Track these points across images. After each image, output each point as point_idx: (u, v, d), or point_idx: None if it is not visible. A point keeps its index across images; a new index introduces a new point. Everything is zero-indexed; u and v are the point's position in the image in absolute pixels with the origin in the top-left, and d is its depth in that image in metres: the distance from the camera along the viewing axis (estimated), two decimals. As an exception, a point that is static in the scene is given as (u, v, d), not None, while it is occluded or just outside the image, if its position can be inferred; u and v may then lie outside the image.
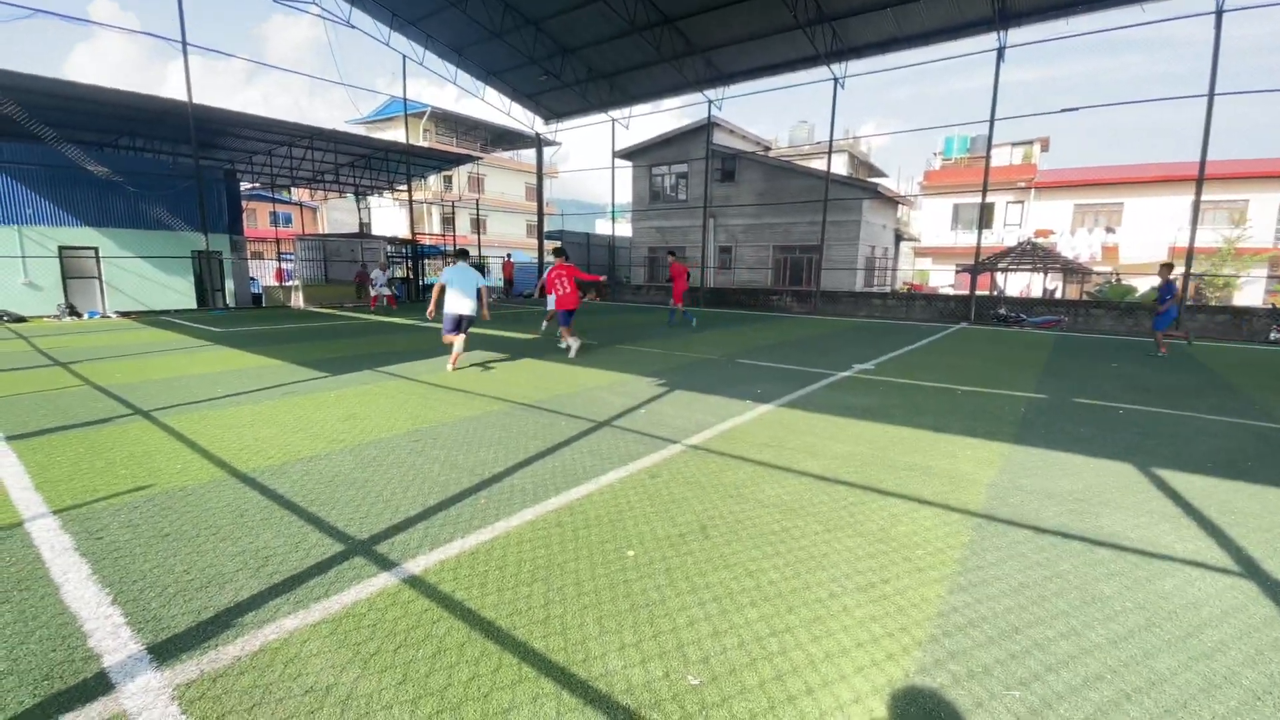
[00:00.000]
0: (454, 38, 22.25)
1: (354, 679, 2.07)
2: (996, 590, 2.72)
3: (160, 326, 13.89)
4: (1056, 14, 15.60)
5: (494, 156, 44.11)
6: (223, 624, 2.37)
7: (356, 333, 12.73)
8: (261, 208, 39.23)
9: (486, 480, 3.99)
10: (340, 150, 24.96)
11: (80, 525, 3.25)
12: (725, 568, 2.88)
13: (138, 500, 3.60)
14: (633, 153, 27.46)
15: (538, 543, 3.10)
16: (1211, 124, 13.82)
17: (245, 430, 5.13)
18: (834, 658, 2.23)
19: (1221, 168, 24.23)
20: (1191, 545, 3.21)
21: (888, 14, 17.11)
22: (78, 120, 18.39)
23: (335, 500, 3.62)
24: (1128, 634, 2.41)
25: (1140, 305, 16.21)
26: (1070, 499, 3.82)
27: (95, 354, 9.43)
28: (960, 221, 32.21)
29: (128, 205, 17.46)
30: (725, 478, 4.09)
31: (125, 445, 4.68)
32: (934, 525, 3.40)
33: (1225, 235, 24.94)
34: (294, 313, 18.09)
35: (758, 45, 19.86)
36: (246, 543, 3.06)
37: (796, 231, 23.42)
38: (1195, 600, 2.67)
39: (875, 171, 37.53)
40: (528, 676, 2.09)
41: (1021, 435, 5.26)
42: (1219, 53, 13.57)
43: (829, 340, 12.33)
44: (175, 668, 2.12)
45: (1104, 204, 29.21)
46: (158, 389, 6.76)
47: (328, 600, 2.54)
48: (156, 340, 11.32)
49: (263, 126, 20.72)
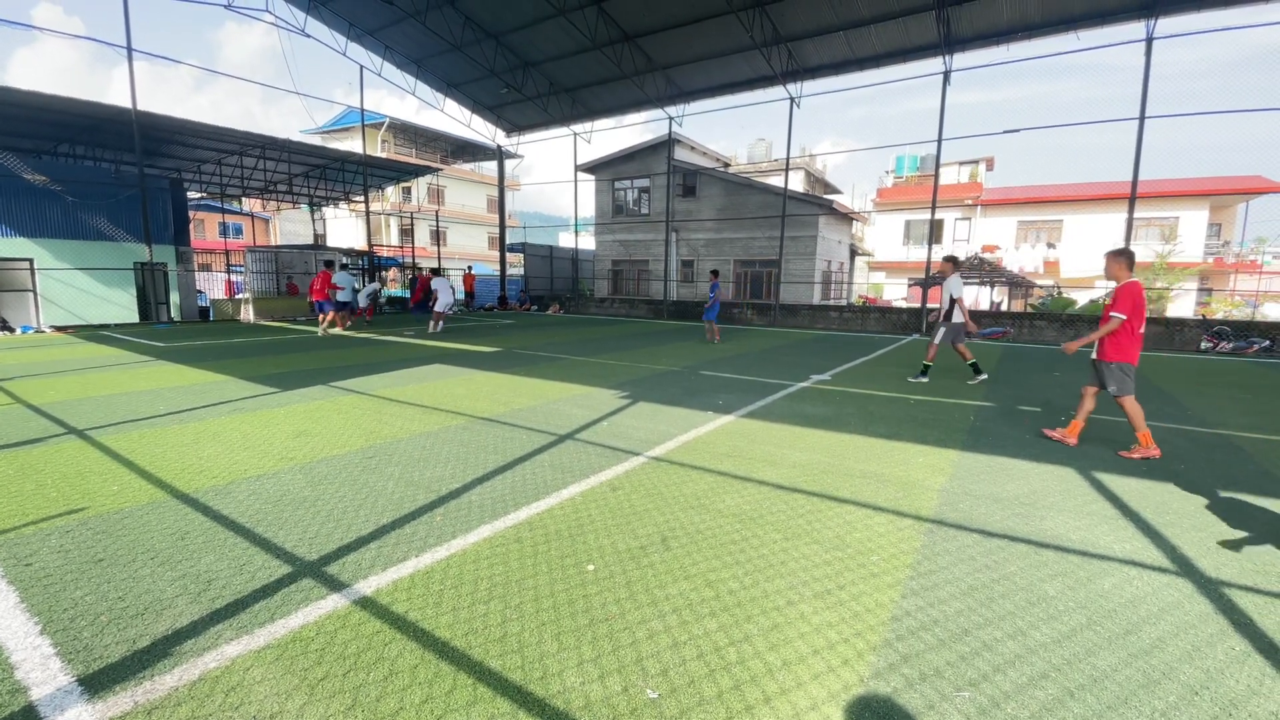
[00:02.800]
0: (413, 49, 22.06)
1: (300, 706, 1.99)
2: (947, 594, 2.80)
3: (99, 341, 13.22)
4: (997, 40, 16.41)
5: (455, 168, 43.71)
6: (160, 653, 2.26)
7: (309, 347, 12.37)
8: (210, 218, 37.91)
9: (443, 497, 3.91)
10: (294, 160, 24.36)
11: (7, 551, 3.06)
12: (685, 579, 2.88)
13: (70, 524, 3.41)
14: (595, 167, 27.59)
15: (495, 559, 3.05)
16: (1143, 145, 14.68)
17: (188, 449, 4.91)
18: (791, 665, 2.25)
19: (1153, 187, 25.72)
20: (1129, 545, 3.36)
21: (840, 36, 17.70)
22: (14, 127, 17.55)
23: (283, 520, 3.49)
24: (1070, 633, 2.51)
25: (1080, 316, 17.00)
26: (1016, 503, 3.96)
27: (28, 371, 8.92)
28: (911, 237, 33.31)
29: (66, 215, 16.63)
30: (686, 489, 4.11)
31: (58, 466, 4.42)
32: (887, 531, 3.47)
33: (1157, 250, 26.42)
34: (244, 327, 17.45)
35: (716, 64, 20.28)
36: (187, 567, 2.93)
37: (756, 246, 23.84)
38: (1133, 598, 2.79)
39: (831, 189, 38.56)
40: (483, 697, 2.05)
41: (971, 442, 5.43)
42: (1149, 78, 14.46)
43: (788, 352, 12.55)
44: (108, 700, 2.00)
45: (1045, 220, 30.66)
46: (94, 407, 6.43)
47: (273, 625, 2.45)
48: (94, 356, 10.77)
49: (212, 135, 20.09)
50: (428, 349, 12.06)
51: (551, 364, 10.04)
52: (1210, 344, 14.14)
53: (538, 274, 29.08)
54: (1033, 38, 16.08)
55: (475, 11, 19.37)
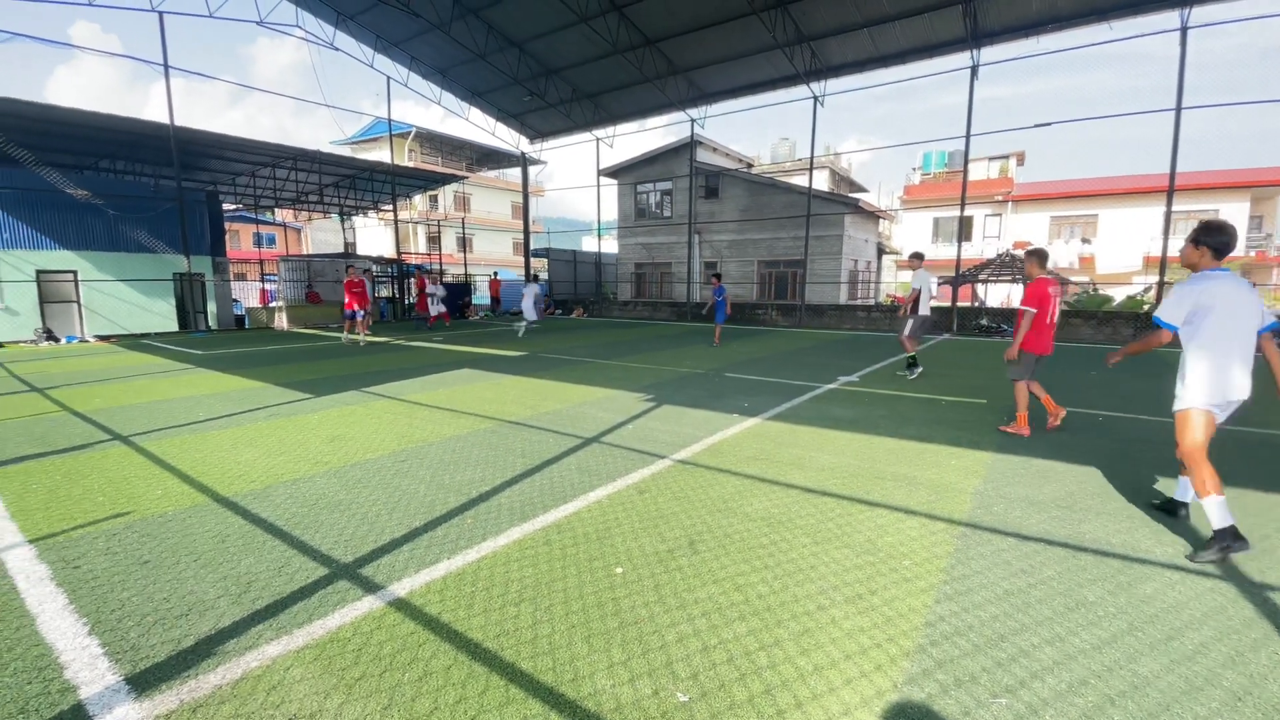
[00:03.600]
0: (438, 59, 22.42)
1: (338, 705, 2.04)
2: (982, 598, 2.74)
3: (141, 350, 13.69)
4: (1026, 33, 16.06)
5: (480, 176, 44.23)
6: (203, 652, 2.33)
7: (341, 353, 12.64)
8: (245, 229, 39.00)
9: (473, 499, 3.96)
10: (324, 171, 24.94)
11: (57, 554, 3.19)
12: (714, 582, 2.88)
13: (116, 527, 3.54)
14: (617, 171, 27.71)
15: (525, 562, 3.08)
16: (1180, 136, 14.23)
17: (227, 454, 5.06)
18: (823, 670, 2.23)
19: (1192, 179, 24.93)
20: (1171, 549, 3.26)
21: (864, 34, 17.50)
22: (57, 143, 18.24)
23: (319, 523, 3.58)
24: (1111, 639, 2.44)
25: (1117, 314, 16.51)
26: (1053, 506, 3.86)
27: (73, 379, 9.28)
28: (940, 234, 32.73)
29: (108, 228, 17.27)
30: (713, 492, 4.09)
31: (104, 472, 4.59)
32: (920, 535, 3.42)
33: (1197, 244, 25.53)
34: (278, 334, 17.92)
35: (738, 65, 20.21)
36: (228, 569, 3.02)
37: (780, 246, 23.67)
38: (1176, 603, 2.71)
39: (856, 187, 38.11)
40: (515, 698, 2.07)
41: (1005, 444, 5.32)
42: (1185, 68, 14.02)
43: (814, 353, 12.43)
44: (154, 698, 2.07)
45: (1079, 215, 29.89)
46: (137, 414, 6.66)
47: (311, 625, 2.51)
48: (137, 364, 11.15)
49: (246, 148, 20.68)
50: (456, 354, 12.23)
51: (576, 367, 10.10)
52: (1256, 340, 13.60)
53: (562, 278, 29.28)
54: (1063, 29, 15.70)
55: (498, 21, 19.61)
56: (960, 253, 18.20)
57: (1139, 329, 15.46)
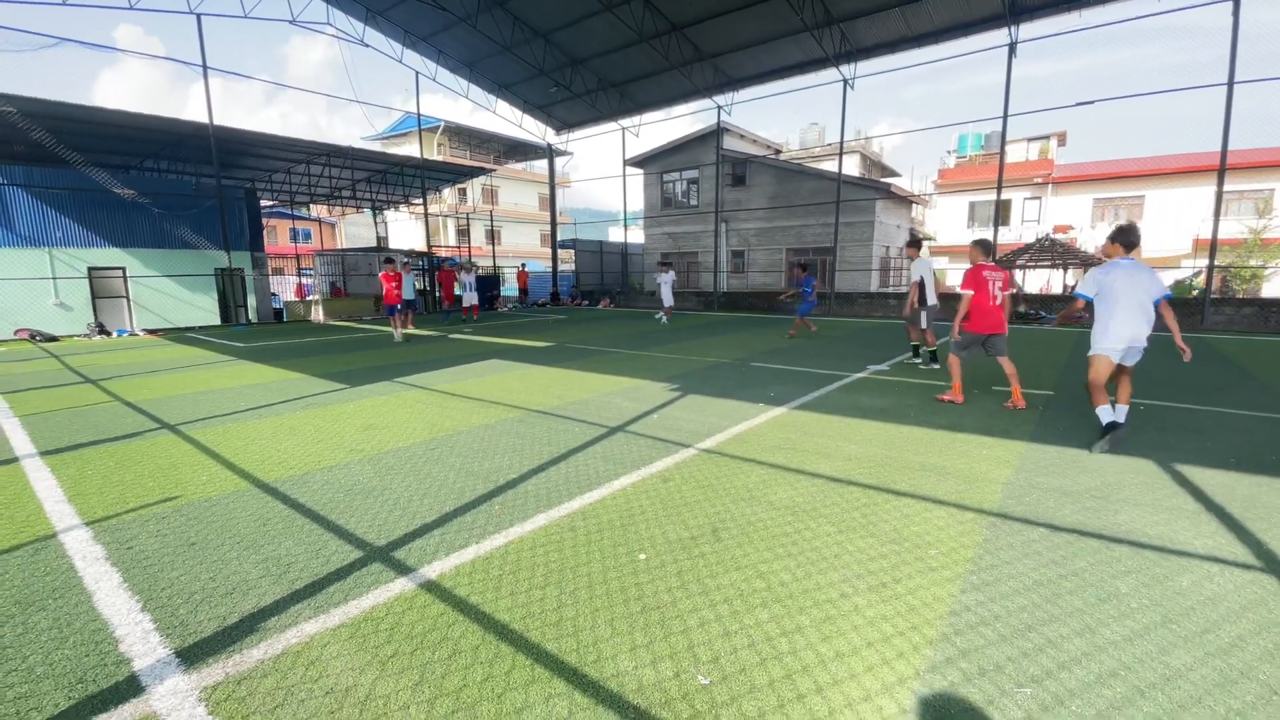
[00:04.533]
0: (465, 53, 22.59)
1: (372, 680, 2.13)
2: (1009, 588, 2.71)
3: (185, 343, 14.23)
4: (1067, 7, 15.43)
5: (507, 168, 44.59)
6: (247, 629, 2.45)
7: (374, 344, 12.95)
8: (281, 225, 40.02)
9: (501, 486, 4.05)
10: (357, 166, 25.43)
11: (111, 536, 3.37)
12: (736, 569, 2.90)
13: (165, 511, 3.72)
14: (643, 160, 27.60)
15: (551, 547, 3.15)
16: (1232, 113, 13.55)
17: (267, 442, 5.25)
18: (844, 657, 2.24)
19: (1245, 157, 23.71)
20: (1210, 541, 3.16)
21: (896, 14, 17.05)
22: (104, 144, 18.97)
23: (354, 509, 3.70)
24: (1143, 630, 2.39)
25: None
26: (1088, 496, 3.78)
27: (124, 371, 9.71)
28: (976, 219, 31.86)
29: (153, 225, 17.95)
30: (737, 480, 4.11)
31: (153, 458, 4.82)
32: (947, 525, 3.38)
33: (1251, 226, 24.38)
34: (314, 326, 18.40)
35: (765, 49, 19.90)
36: (269, 550, 3.15)
37: (809, 234, 23.35)
38: (1213, 596, 2.64)
39: (888, 171, 37.28)
40: (541, 677, 2.13)
41: (1039, 433, 5.20)
42: (1238, 40, 13.33)
43: (843, 342, 12.27)
44: (202, 670, 2.20)
45: (1124, 197, 28.74)
46: (184, 404, 6.94)
47: (347, 605, 2.61)
48: (182, 356, 11.61)
49: (281, 145, 21.21)
50: (484, 345, 12.41)
51: (602, 358, 10.17)
52: (1314, 326, 12.97)
53: (588, 269, 29.39)
54: (1107, 1, 15.06)
55: (523, 11, 19.66)
56: (997, 237, 17.69)
57: (1188, 314, 14.86)
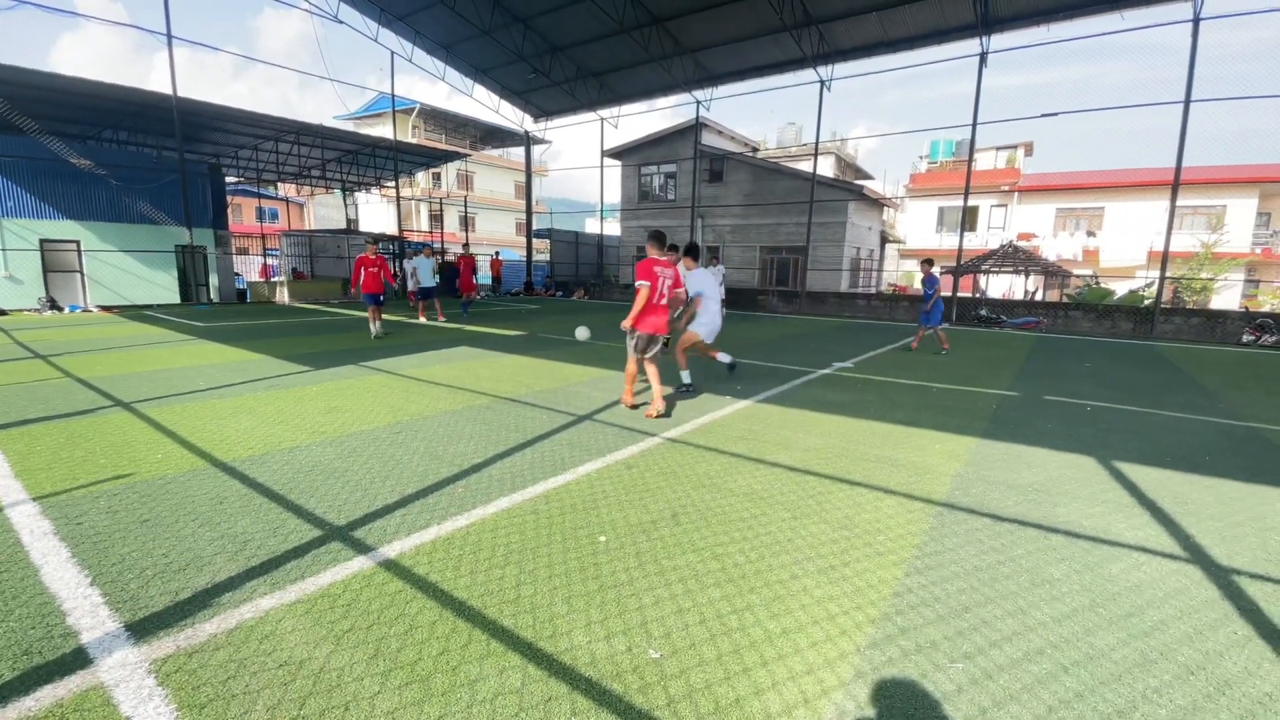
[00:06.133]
0: (443, 34, 22.21)
1: (327, 654, 2.14)
2: (950, 573, 2.84)
3: (142, 321, 13.78)
4: (1037, 20, 15.88)
5: (483, 154, 44.00)
6: (200, 604, 2.44)
7: (341, 328, 12.72)
8: (247, 203, 38.87)
9: (465, 470, 4.06)
10: (328, 146, 24.83)
11: (60, 511, 3.29)
12: (693, 551, 2.98)
13: (118, 488, 3.64)
14: (622, 152, 27.54)
15: (512, 529, 3.19)
16: (1188, 130, 14.12)
17: (226, 422, 5.16)
18: (790, 633, 2.34)
19: (1199, 174, 24.71)
20: (1141, 533, 3.35)
21: (873, 18, 17.32)
22: (61, 113, 18.18)
23: (315, 489, 3.68)
24: (1071, 613, 2.54)
25: (1119, 307, 16.53)
26: (1030, 490, 3.95)
27: (76, 347, 9.37)
28: (945, 224, 32.59)
29: (110, 198, 17.28)
30: (699, 468, 4.19)
31: (105, 436, 4.70)
32: (896, 513, 3.52)
33: (1203, 240, 25.42)
34: (279, 308, 17.98)
35: (745, 47, 20.01)
36: (225, 528, 3.12)
37: (783, 232, 23.61)
38: (1139, 583, 2.80)
39: (862, 174, 37.85)
40: (496, 651, 2.18)
41: (990, 430, 5.41)
42: (1195, 60, 13.88)
43: (812, 339, 12.49)
44: (152, 644, 2.18)
45: (1085, 208, 29.71)
46: (139, 382, 6.76)
47: (304, 582, 2.61)
48: (138, 334, 11.24)
49: (249, 121, 20.57)
50: (455, 332, 12.30)
51: (574, 348, 10.18)
52: (1252, 336, 13.65)
53: (563, 260, 29.24)
54: (1075, 17, 15.52)
55: (504, -5, 19.40)
56: (963, 243, 18.16)
57: (1138, 323, 15.50)
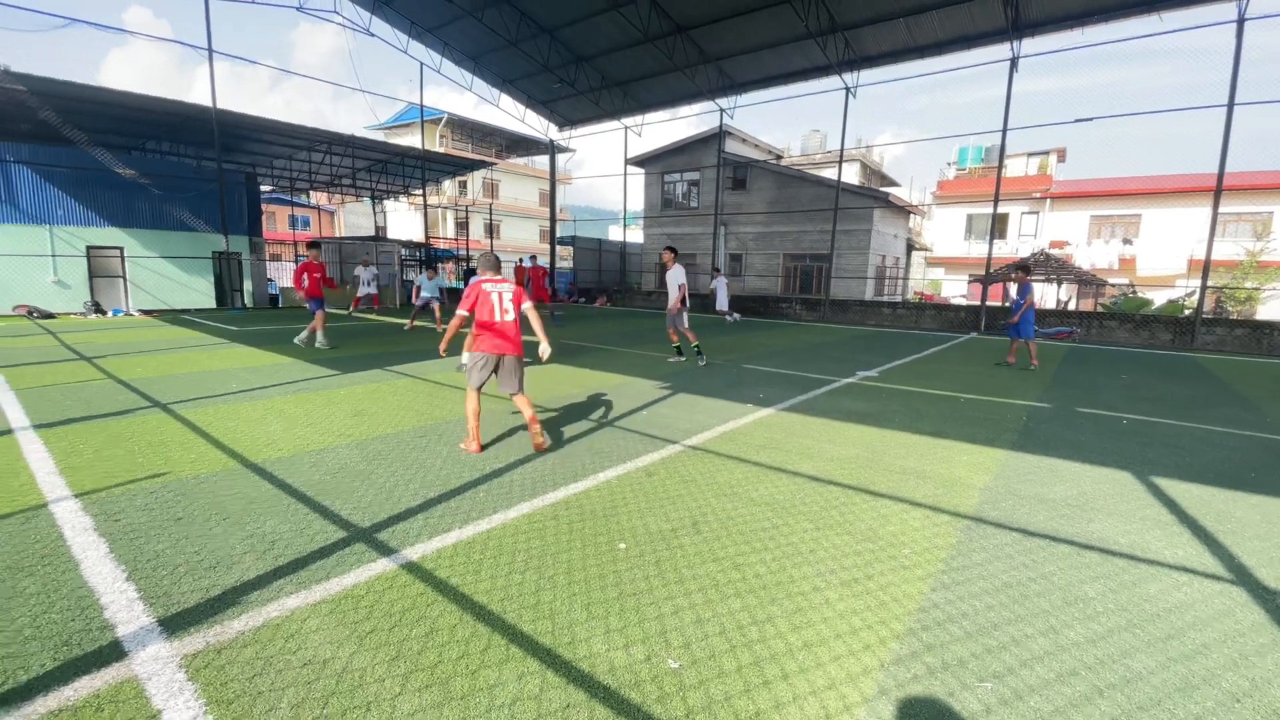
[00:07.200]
0: (470, 46, 22.59)
1: (350, 654, 2.17)
2: (979, 589, 2.77)
3: (180, 325, 14.21)
4: (1070, 24, 15.55)
5: (508, 162, 44.55)
6: (229, 601, 2.49)
7: (368, 333, 12.95)
8: (281, 211, 39.95)
9: (487, 475, 4.10)
10: (358, 155, 25.39)
11: (100, 508, 3.40)
12: (713, 561, 2.95)
13: (154, 486, 3.75)
14: (645, 160, 27.65)
15: (533, 534, 3.20)
16: (1231, 135, 13.68)
17: (257, 424, 5.28)
18: (812, 647, 2.30)
19: (1244, 179, 23.92)
20: (1181, 552, 3.23)
21: (900, 24, 17.14)
22: (108, 124, 18.90)
23: (340, 491, 3.74)
24: (1107, 633, 2.46)
25: (1155, 317, 16.03)
26: (1063, 505, 3.84)
27: (118, 350, 9.70)
28: (974, 231, 32.03)
29: (152, 207, 17.91)
30: (720, 477, 4.16)
31: (143, 435, 4.85)
32: (922, 526, 3.45)
33: (1248, 248, 24.57)
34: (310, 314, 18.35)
35: (770, 54, 19.96)
36: (254, 528, 3.19)
37: (807, 240, 23.43)
38: (1179, 604, 2.70)
39: (888, 181, 37.44)
40: (515, 656, 2.18)
41: (1021, 442, 5.27)
42: (1240, 63, 13.46)
43: (835, 348, 12.35)
44: (184, 639, 2.24)
45: (1122, 215, 28.91)
46: (176, 384, 6.96)
47: (328, 582, 2.66)
48: (176, 338, 11.60)
49: (283, 131, 21.15)
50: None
51: (596, 354, 10.21)
52: (1301, 348, 13.11)
53: (586, 267, 29.42)
54: (1110, 20, 15.17)
55: (529, 7, 19.66)
56: (992, 250, 17.81)
57: (1178, 334, 15.01)
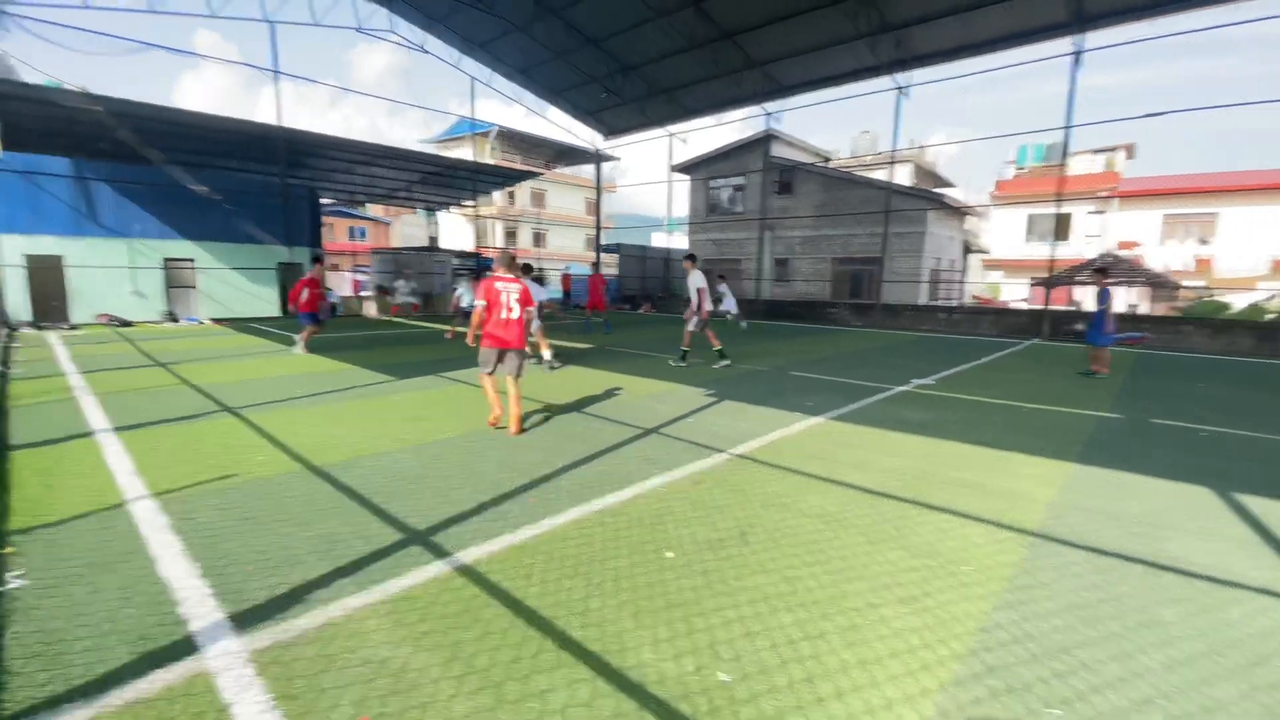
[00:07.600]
0: (519, 59, 23.10)
1: (407, 654, 2.24)
2: (1045, 609, 2.65)
3: (248, 333, 14.96)
4: (1138, 15, 14.78)
5: (555, 172, 45.23)
6: (294, 599, 2.60)
7: (422, 340, 13.34)
8: (340, 223, 41.63)
9: (536, 480, 4.16)
10: (413, 168, 26.22)
11: (175, 507, 3.61)
12: (762, 573, 2.92)
13: (225, 487, 3.96)
14: (690, 166, 27.64)
15: (581, 540, 3.23)
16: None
17: (320, 428, 5.51)
18: (867, 665, 2.24)
19: (1335, 173, 22.22)
20: (1268, 574, 3.01)
21: (954, 21, 16.64)
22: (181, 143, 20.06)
23: (397, 494, 3.86)
24: (1185, 660, 2.31)
25: (1236, 322, 15.01)
26: (1136, 522, 3.64)
27: (191, 356, 10.29)
28: (1035, 233, 30.73)
29: (222, 220, 18.98)
30: (768, 487, 4.11)
31: (215, 438, 5.12)
32: (984, 542, 3.32)
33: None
34: (367, 321, 19.08)
35: (817, 57, 19.68)
36: (317, 529, 3.33)
37: (856, 243, 22.94)
38: (1265, 630, 2.52)
39: (942, 182, 36.32)
40: (565, 662, 2.21)
41: (1088, 455, 5.02)
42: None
43: (888, 354, 12.02)
44: (252, 635, 2.35)
45: (1196, 214, 27.23)
46: (244, 389, 7.33)
47: (386, 584, 2.74)
48: (244, 345, 12.22)
49: (344, 146, 22.04)
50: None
51: (641, 361, 10.24)
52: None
53: (631, 274, 29.55)
54: (1181, 10, 14.36)
55: (577, 19, 19.98)
56: (1054, 252, 17.05)
57: (1261, 339, 14.01)
